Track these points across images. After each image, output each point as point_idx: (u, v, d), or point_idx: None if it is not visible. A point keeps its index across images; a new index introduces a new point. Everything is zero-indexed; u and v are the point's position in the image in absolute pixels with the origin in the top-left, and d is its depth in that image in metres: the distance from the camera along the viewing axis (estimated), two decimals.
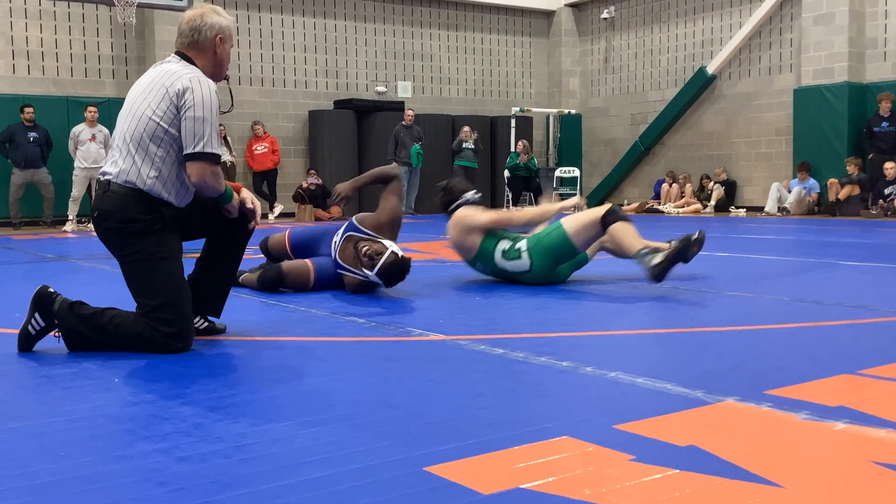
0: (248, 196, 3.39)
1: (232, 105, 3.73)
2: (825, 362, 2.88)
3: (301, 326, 3.79)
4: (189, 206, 3.33)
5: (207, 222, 3.41)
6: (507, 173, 16.20)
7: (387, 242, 4.59)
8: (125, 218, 3.15)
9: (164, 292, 3.15)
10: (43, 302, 3.12)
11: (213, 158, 3.15)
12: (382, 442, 2.04)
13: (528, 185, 16.36)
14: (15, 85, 13.49)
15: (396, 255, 4.51)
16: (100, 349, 3.18)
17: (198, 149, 3.11)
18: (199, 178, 3.14)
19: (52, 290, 3.15)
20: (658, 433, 2.08)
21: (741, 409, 2.30)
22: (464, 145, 15.71)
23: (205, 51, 3.27)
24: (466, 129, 15.89)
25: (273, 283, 4.78)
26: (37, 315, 3.13)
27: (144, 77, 3.31)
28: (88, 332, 3.14)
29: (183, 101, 3.11)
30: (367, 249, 4.50)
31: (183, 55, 3.28)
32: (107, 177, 3.22)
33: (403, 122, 15.32)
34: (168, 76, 3.18)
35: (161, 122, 3.13)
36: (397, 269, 4.53)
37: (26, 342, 3.17)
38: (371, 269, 4.49)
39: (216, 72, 3.31)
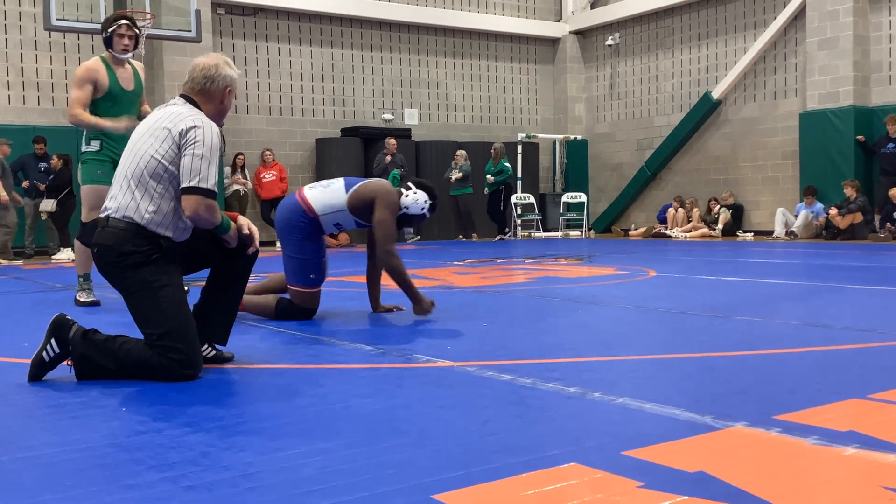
0: (245, 222, 3.45)
1: (224, 150, 3.85)
2: (834, 386, 2.87)
3: (308, 354, 3.79)
4: (189, 239, 3.39)
5: (208, 253, 3.45)
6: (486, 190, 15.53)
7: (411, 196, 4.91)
8: (123, 251, 3.21)
9: (167, 320, 3.18)
10: (60, 328, 3.15)
11: (208, 193, 3.23)
12: (390, 469, 2.04)
13: (495, 201, 15.58)
14: (25, 116, 13.62)
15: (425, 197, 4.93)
16: (109, 377, 3.19)
17: (193, 183, 3.20)
18: (192, 212, 3.21)
19: (69, 317, 3.19)
20: (667, 459, 2.07)
21: (750, 435, 2.29)
22: (447, 174, 15.15)
23: (212, 99, 3.41)
24: (458, 152, 15.48)
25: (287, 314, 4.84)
26: (53, 341, 3.16)
27: (149, 118, 3.42)
28: (100, 359, 3.16)
29: (186, 140, 3.22)
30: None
31: (189, 99, 3.39)
32: (106, 212, 3.30)
33: (385, 151, 14.76)
34: (171, 118, 3.30)
35: (162, 160, 3.23)
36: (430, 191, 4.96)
37: (40, 369, 3.18)
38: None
39: (217, 120, 3.44)
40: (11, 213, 11.88)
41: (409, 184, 5.00)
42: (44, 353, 3.17)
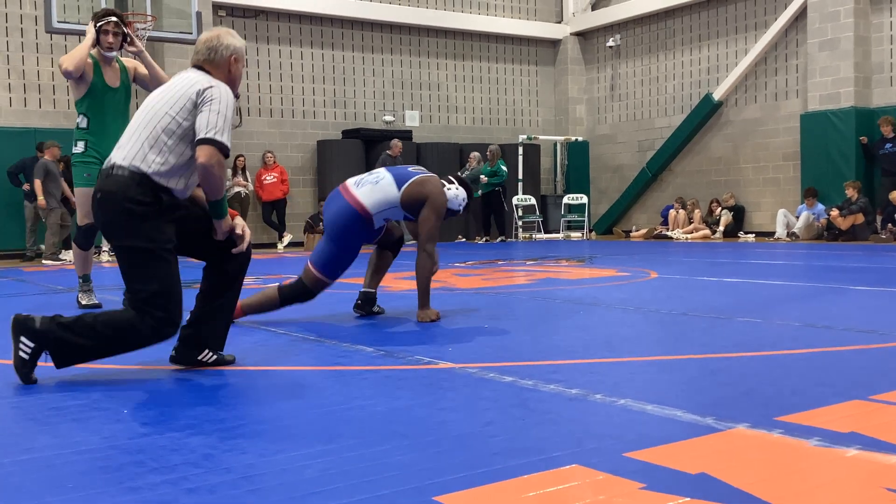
0: (240, 223, 3.48)
1: (240, 121, 3.90)
2: (836, 388, 2.87)
3: (310, 356, 3.79)
4: (184, 218, 3.39)
5: (204, 241, 3.46)
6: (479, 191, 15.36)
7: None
8: (127, 198, 3.23)
9: (159, 279, 3.22)
10: (23, 325, 3.16)
11: (222, 148, 3.28)
12: (392, 471, 2.04)
13: (489, 202, 15.51)
14: (27, 118, 13.64)
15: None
16: (89, 356, 3.20)
17: (209, 135, 3.25)
18: (206, 160, 3.24)
19: (26, 314, 3.20)
20: (668, 461, 2.07)
21: (752, 436, 2.29)
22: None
23: (220, 68, 3.46)
24: (472, 155, 15.57)
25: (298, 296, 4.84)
26: (23, 339, 3.16)
27: (166, 84, 3.49)
28: (75, 338, 3.16)
29: (202, 98, 3.30)
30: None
31: (200, 68, 3.46)
32: (111, 162, 3.34)
33: (389, 153, 14.63)
34: (188, 82, 3.37)
35: (176, 117, 3.30)
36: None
37: (24, 368, 3.18)
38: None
39: (231, 89, 3.47)
40: (55, 215, 12.03)
41: (452, 178, 5.07)
42: (21, 354, 3.16)
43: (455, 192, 4.98)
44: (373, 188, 4.81)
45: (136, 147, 3.30)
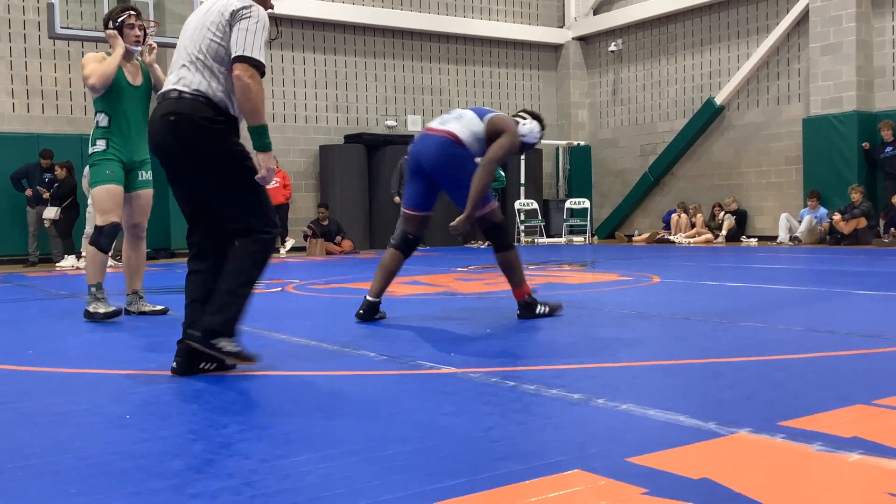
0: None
1: (279, 33, 3.96)
2: (839, 392, 2.86)
3: (312, 360, 3.79)
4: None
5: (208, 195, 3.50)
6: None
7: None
8: (205, 116, 3.35)
9: (252, 187, 3.40)
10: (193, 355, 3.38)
11: (257, 64, 3.35)
12: (394, 477, 2.04)
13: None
14: (29, 124, 13.67)
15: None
16: (245, 310, 3.39)
17: (240, 52, 3.35)
18: (243, 72, 3.32)
19: (186, 342, 3.35)
20: (671, 466, 2.07)
21: (754, 441, 2.29)
22: None
23: None
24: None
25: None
26: (205, 364, 3.38)
27: (201, 7, 3.56)
28: (226, 312, 3.32)
29: (235, 17, 3.39)
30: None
31: None
32: (176, 89, 3.41)
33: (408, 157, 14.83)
34: (223, 3, 3.46)
35: (221, 42, 3.40)
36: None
37: (190, 366, 3.37)
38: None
39: (263, 3, 3.56)
40: None
41: (523, 113, 5.15)
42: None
43: (530, 126, 5.07)
44: (459, 121, 4.98)
45: (197, 76, 3.41)
